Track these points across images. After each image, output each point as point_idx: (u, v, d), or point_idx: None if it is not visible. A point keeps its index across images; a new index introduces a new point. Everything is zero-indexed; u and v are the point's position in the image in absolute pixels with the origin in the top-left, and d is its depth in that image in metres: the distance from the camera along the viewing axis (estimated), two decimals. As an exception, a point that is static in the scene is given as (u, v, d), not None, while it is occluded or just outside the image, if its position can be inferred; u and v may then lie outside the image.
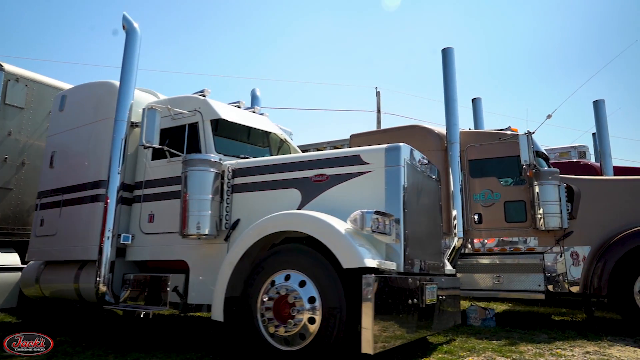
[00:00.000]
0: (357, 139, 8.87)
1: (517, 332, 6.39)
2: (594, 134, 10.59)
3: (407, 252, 4.25)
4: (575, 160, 11.20)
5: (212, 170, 5.05)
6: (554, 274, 6.92)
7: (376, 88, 21.67)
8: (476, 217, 7.59)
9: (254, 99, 8.50)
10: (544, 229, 6.87)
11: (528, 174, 6.88)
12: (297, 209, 4.65)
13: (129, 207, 5.90)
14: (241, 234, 4.58)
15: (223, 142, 5.73)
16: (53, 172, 6.84)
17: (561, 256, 6.93)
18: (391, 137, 8.55)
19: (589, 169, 9.80)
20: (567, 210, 6.85)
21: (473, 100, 10.39)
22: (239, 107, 6.38)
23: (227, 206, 5.13)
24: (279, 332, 3.94)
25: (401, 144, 4.51)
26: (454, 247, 7.38)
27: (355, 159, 4.61)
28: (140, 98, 6.30)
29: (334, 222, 3.96)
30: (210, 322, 4.54)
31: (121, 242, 5.62)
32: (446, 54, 8.10)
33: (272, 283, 4.15)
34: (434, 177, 5.35)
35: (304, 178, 4.80)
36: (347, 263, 3.71)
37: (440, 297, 4.92)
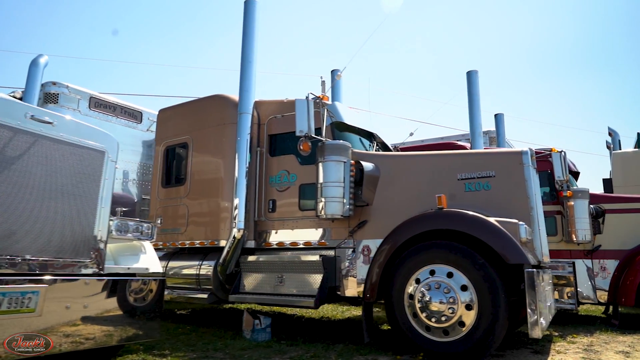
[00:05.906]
0: (163, 114, 7.51)
1: (278, 345, 4.99)
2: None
3: None
4: (458, 142, 9.62)
5: None
6: (340, 275, 5.48)
7: (321, 77, 20.15)
8: (271, 204, 6.19)
9: (34, 65, 7.21)
10: (325, 217, 5.42)
11: (302, 147, 5.41)
12: None
13: None
14: None
15: None
16: None
17: (353, 252, 5.49)
18: (192, 109, 7.21)
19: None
20: (351, 192, 5.35)
21: (332, 71, 8.92)
22: None
23: None
24: None
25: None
26: (234, 239, 5.96)
27: None
28: None
29: None
30: None
31: None
32: (248, 5, 6.65)
33: None
34: (83, 143, 3.93)
35: None
36: None
37: (66, 306, 3.58)
